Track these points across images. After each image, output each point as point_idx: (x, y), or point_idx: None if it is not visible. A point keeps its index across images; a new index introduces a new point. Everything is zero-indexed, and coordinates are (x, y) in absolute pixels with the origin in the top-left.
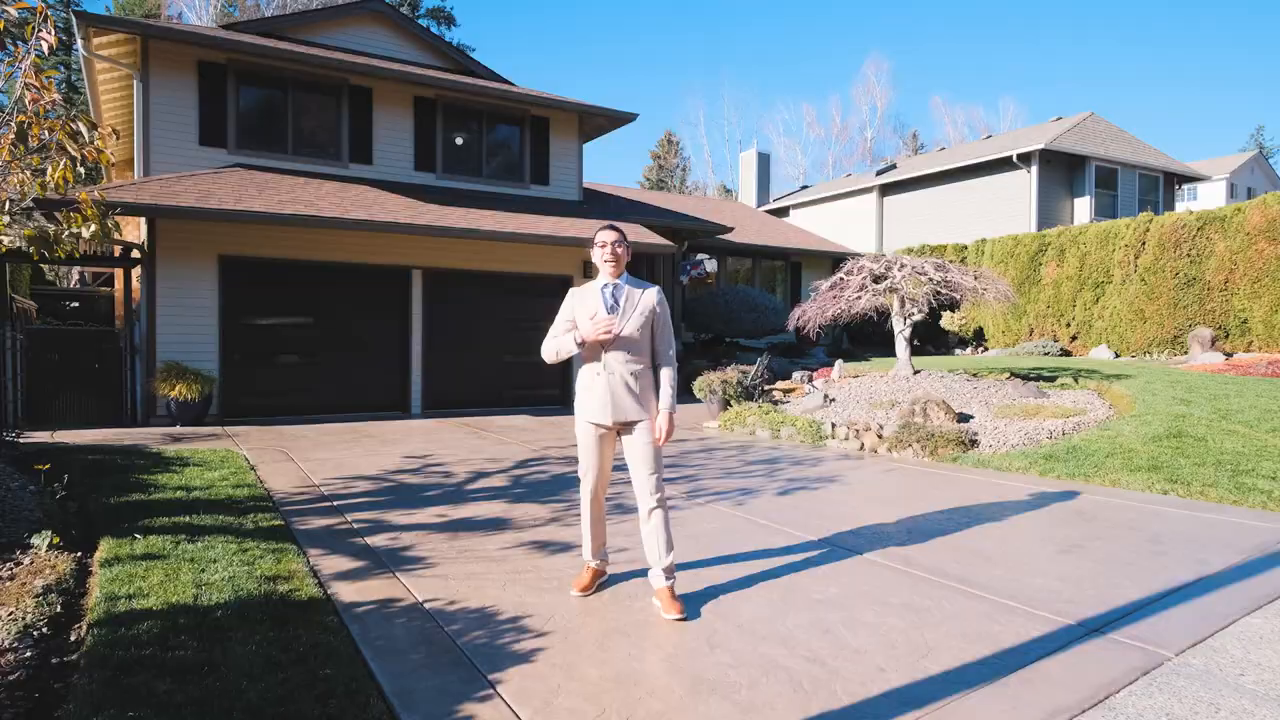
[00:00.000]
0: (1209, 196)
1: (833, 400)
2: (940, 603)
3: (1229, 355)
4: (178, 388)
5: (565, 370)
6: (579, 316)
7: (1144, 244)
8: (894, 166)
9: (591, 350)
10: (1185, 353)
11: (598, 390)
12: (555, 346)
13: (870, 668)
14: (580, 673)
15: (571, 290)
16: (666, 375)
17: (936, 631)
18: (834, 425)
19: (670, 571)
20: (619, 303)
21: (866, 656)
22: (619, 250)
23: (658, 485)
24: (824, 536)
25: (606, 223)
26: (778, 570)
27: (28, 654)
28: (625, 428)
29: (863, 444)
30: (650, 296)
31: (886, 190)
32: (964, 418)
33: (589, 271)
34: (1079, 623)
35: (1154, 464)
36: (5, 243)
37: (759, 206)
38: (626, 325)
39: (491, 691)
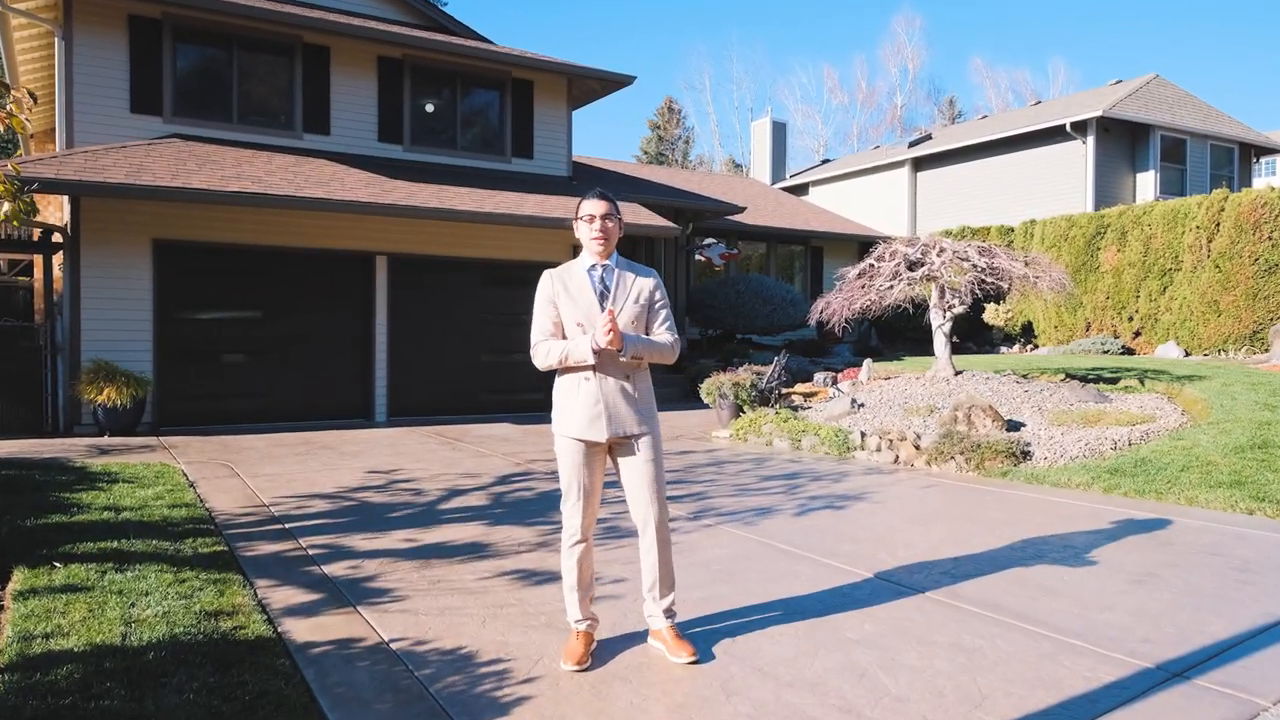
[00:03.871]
0: None
1: (861, 405)
2: (994, 641)
3: None
4: (106, 391)
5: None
6: (565, 307)
7: (1218, 225)
8: (929, 137)
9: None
10: (1266, 350)
11: (585, 398)
12: (559, 353)
13: (915, 719)
14: None
15: (548, 273)
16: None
17: (990, 676)
18: (863, 434)
19: (671, 610)
20: (610, 288)
21: (910, 706)
22: (609, 225)
23: (661, 511)
24: (855, 564)
25: (595, 191)
26: (802, 603)
27: None
28: (622, 444)
29: (897, 456)
30: (647, 282)
31: (920, 165)
32: (1014, 425)
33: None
34: (1158, 665)
35: (1237, 479)
36: None
37: (774, 183)
38: (620, 317)
39: None
